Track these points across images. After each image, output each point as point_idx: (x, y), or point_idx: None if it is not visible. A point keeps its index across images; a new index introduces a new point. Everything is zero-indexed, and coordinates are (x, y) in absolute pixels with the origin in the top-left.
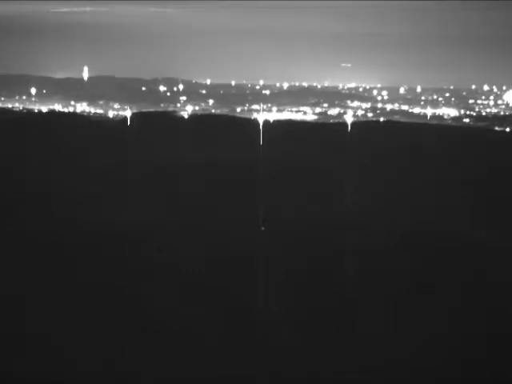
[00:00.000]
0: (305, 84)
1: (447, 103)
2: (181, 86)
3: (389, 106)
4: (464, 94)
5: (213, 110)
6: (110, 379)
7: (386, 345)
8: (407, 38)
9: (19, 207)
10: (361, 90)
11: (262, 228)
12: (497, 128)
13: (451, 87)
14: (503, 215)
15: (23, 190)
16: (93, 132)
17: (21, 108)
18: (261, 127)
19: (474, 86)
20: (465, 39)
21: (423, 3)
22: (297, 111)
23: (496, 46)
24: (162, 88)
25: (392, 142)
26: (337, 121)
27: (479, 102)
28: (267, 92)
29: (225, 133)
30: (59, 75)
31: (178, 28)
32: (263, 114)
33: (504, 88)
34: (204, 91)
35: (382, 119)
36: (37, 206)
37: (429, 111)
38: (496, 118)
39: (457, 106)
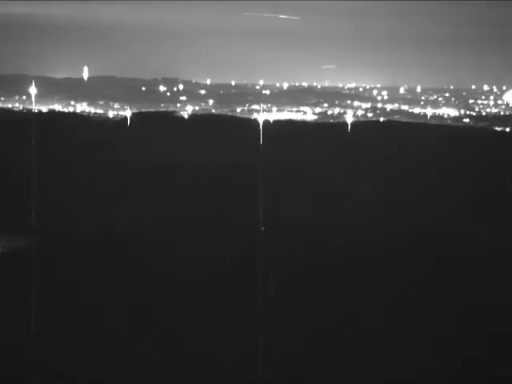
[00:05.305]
0: (305, 84)
1: (447, 103)
2: (181, 86)
3: (389, 106)
4: (464, 94)
5: (213, 110)
6: (110, 379)
7: (386, 345)
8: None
9: (18, 207)
10: (361, 89)
11: (262, 228)
12: (497, 128)
13: (451, 87)
14: (503, 215)
15: (22, 190)
16: (93, 132)
17: (21, 108)
18: (261, 127)
19: (473, 86)
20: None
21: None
22: (297, 111)
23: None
24: (162, 88)
25: (392, 141)
26: (337, 121)
27: (479, 102)
28: (267, 92)
29: (225, 133)
30: (59, 75)
31: (179, 28)
32: (263, 114)
33: (504, 88)
34: (204, 91)
35: (382, 119)
36: (36, 206)
37: (429, 111)
38: (496, 118)
39: (457, 106)
